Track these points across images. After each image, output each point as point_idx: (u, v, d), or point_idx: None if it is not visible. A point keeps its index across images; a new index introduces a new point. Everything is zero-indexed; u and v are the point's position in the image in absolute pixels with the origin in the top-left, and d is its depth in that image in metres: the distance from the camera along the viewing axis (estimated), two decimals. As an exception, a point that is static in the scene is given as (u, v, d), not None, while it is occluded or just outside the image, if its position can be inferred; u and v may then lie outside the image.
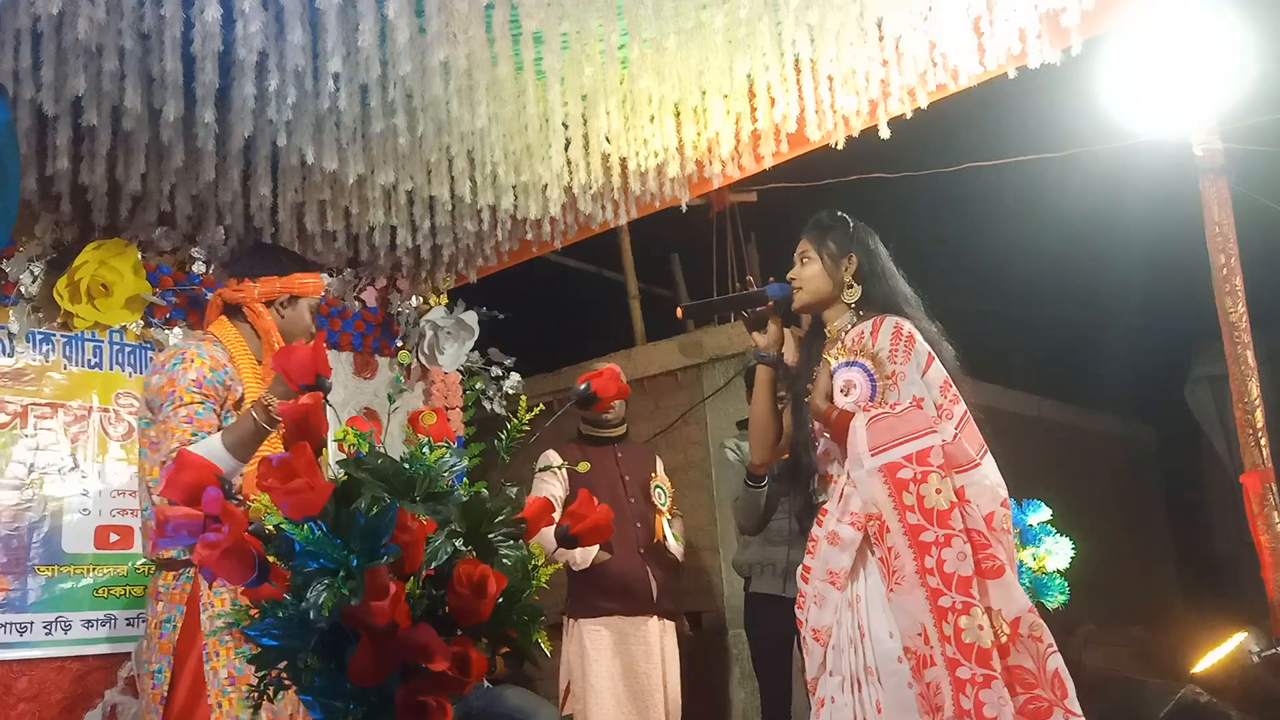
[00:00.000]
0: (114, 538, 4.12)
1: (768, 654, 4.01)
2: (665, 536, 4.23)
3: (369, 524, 1.34)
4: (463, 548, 1.47)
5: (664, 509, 4.29)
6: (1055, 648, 2.29)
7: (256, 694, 1.43)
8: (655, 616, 4.14)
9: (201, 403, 2.68)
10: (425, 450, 1.44)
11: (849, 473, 2.40)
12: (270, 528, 1.37)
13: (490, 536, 1.51)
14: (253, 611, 1.36)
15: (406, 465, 1.42)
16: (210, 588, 2.60)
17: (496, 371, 5.30)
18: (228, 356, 2.78)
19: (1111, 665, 4.56)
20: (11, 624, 3.83)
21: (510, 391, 5.29)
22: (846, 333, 2.65)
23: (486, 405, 5.25)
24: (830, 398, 2.50)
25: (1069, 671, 2.29)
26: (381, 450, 1.43)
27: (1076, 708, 2.24)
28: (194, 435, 2.61)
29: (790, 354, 2.75)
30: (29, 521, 3.94)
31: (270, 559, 1.36)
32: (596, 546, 4.08)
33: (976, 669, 2.15)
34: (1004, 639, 2.23)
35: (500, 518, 1.52)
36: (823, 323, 2.75)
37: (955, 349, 2.65)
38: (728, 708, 5.06)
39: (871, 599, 2.35)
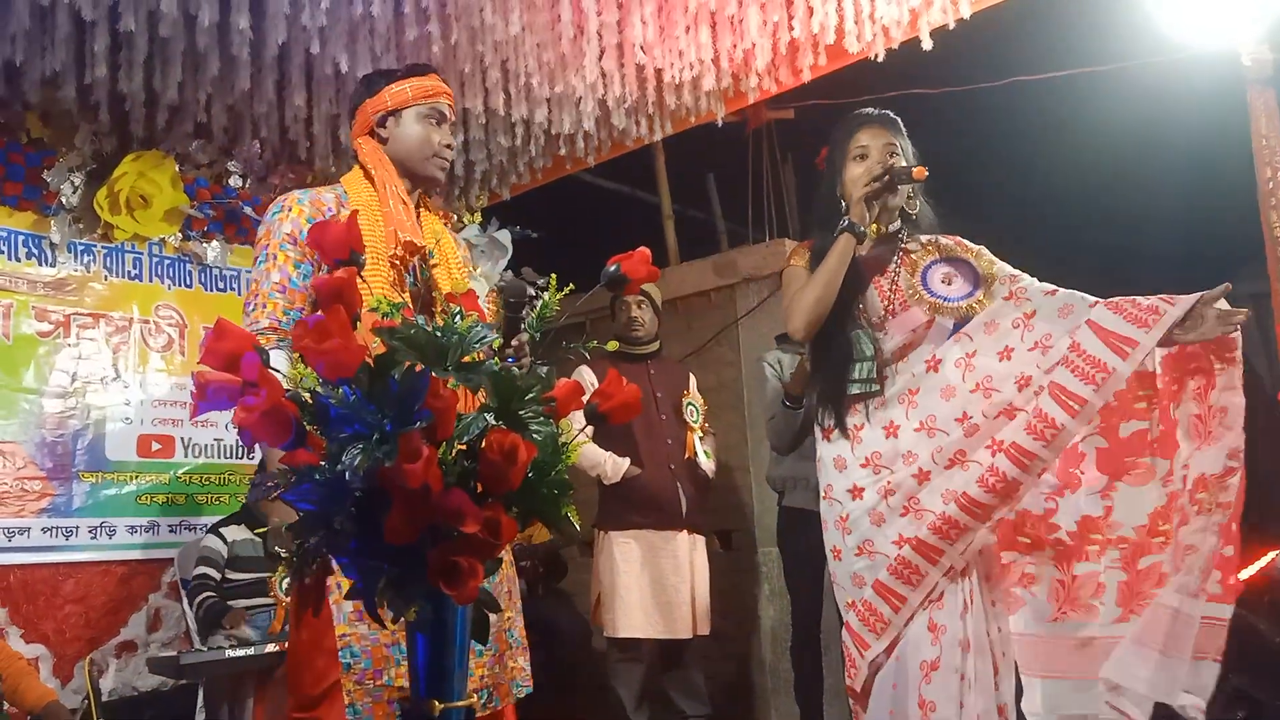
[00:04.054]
0: (156, 446, 4.22)
1: (800, 568, 4.03)
2: (696, 453, 4.24)
3: (402, 389, 1.36)
4: (494, 422, 1.48)
5: (696, 426, 4.29)
6: None
7: (296, 560, 1.46)
8: (685, 531, 4.16)
9: (296, 265, 2.23)
10: (456, 319, 1.45)
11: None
12: (307, 395, 1.40)
13: (521, 413, 1.53)
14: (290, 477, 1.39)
15: (439, 334, 1.43)
16: None
17: (530, 291, 5.31)
18: (337, 200, 2.31)
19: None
20: (58, 528, 3.95)
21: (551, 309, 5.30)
22: (911, 239, 2.57)
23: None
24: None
25: None
26: (414, 323, 1.45)
27: None
28: (285, 314, 2.21)
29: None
30: (73, 429, 4.04)
31: (307, 425, 1.38)
32: (627, 460, 4.11)
33: None
34: None
35: (530, 395, 1.54)
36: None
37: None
38: (757, 625, 5.12)
39: None
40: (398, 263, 2.22)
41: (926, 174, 2.45)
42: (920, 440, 2.39)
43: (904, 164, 2.51)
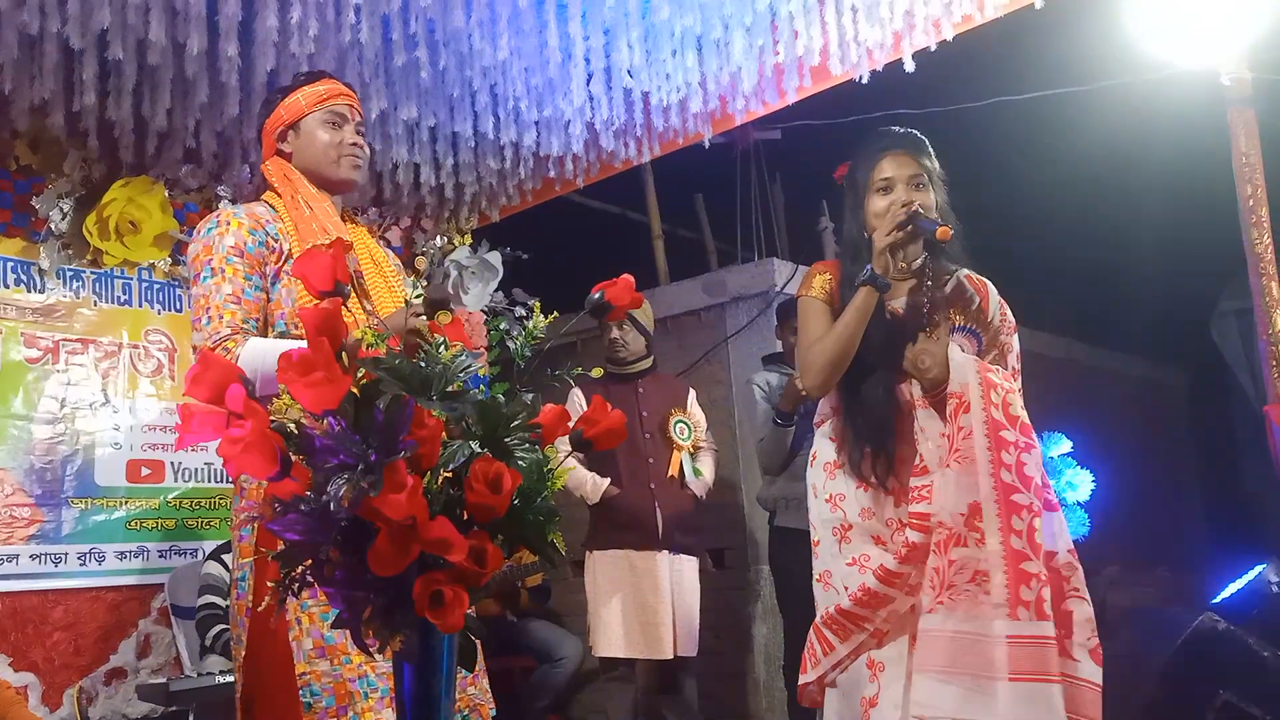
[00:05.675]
0: (145, 471, 4.21)
1: (792, 587, 4.04)
2: (684, 472, 4.20)
3: (387, 420, 1.37)
4: (479, 450, 1.49)
5: (685, 445, 4.24)
6: (1082, 594, 2.30)
7: (281, 590, 1.47)
8: (665, 551, 4.10)
9: (247, 277, 2.21)
10: (441, 349, 1.47)
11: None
12: (292, 426, 1.41)
13: (506, 440, 1.54)
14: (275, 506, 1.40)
15: (423, 364, 1.45)
16: None
17: (520, 312, 5.32)
18: (273, 214, 2.29)
19: (1135, 603, 4.58)
20: (47, 555, 3.94)
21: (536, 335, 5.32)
22: (938, 284, 2.49)
23: (511, 345, 5.28)
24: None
25: (1095, 612, 2.30)
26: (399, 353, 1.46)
27: (1079, 653, 2.23)
28: (244, 323, 2.17)
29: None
30: (62, 455, 4.03)
31: (292, 455, 1.39)
32: (607, 480, 4.09)
33: (1041, 568, 2.19)
34: None
35: (516, 422, 1.55)
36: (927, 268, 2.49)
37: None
38: (750, 644, 5.12)
39: None
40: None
41: (951, 235, 2.34)
42: (885, 504, 2.41)
43: (933, 218, 2.41)
